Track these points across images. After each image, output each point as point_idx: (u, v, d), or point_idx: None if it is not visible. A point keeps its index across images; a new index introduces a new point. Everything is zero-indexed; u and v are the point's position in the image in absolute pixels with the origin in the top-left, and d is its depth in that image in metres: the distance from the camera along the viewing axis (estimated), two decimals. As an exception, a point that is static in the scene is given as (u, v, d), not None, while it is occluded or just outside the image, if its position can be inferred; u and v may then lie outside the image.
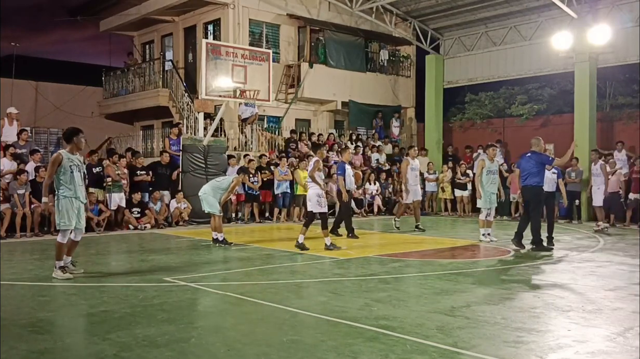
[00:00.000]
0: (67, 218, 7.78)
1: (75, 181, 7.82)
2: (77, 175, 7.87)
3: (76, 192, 7.81)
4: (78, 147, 8.07)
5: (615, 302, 6.57)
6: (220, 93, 15.78)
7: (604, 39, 17.14)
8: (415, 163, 14.34)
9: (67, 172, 7.76)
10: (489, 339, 5.07)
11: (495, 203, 12.13)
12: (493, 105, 23.55)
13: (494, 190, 12.01)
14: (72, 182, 7.79)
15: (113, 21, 23.30)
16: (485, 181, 11.91)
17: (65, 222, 7.81)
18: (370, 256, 10.07)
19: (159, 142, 19.46)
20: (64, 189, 7.79)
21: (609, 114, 19.71)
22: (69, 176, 7.77)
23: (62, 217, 7.80)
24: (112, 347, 4.81)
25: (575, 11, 17.59)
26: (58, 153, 7.92)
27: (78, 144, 8.04)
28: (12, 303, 6.48)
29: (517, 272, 8.48)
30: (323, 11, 21.77)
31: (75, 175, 7.82)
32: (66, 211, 7.77)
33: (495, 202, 12.12)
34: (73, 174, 7.80)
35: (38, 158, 14.25)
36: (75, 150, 8.02)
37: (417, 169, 14.36)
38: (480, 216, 12.16)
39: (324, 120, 22.27)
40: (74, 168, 7.84)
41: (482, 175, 11.92)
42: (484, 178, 11.91)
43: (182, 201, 15.32)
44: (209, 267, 9.06)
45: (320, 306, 6.23)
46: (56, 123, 22.36)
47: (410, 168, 14.07)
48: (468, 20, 21.19)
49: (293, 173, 16.90)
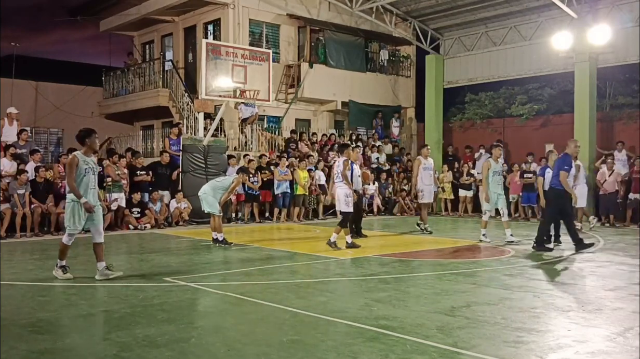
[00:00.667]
0: (73, 222, 7.68)
1: (87, 185, 7.67)
2: (91, 177, 7.72)
3: (86, 195, 7.64)
4: (92, 149, 7.92)
5: (615, 302, 6.57)
6: (220, 93, 15.79)
7: (604, 39, 17.14)
8: (429, 162, 13.96)
9: (80, 175, 7.62)
10: (489, 339, 5.06)
11: (500, 204, 11.99)
12: (493, 105, 23.54)
13: (499, 190, 11.93)
14: (84, 186, 7.63)
15: (113, 21, 23.30)
16: (490, 182, 11.83)
17: (70, 226, 7.70)
18: (370, 256, 10.06)
19: (159, 142, 19.47)
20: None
21: (609, 114, 19.71)
22: (81, 179, 7.63)
23: (69, 220, 7.70)
24: (112, 347, 4.81)
25: (575, 11, 17.59)
26: (74, 155, 7.76)
27: (92, 145, 7.89)
28: (12, 303, 6.48)
29: (517, 272, 8.47)
30: (323, 11, 21.77)
31: (88, 178, 7.68)
32: (72, 215, 7.67)
33: (501, 203, 11.98)
34: (86, 177, 7.65)
35: (38, 158, 14.26)
36: (89, 152, 7.87)
37: (431, 168, 14.00)
38: (483, 217, 12.12)
39: (324, 120, 22.28)
40: (89, 170, 7.70)
41: (488, 177, 11.80)
42: (490, 179, 11.82)
43: (182, 201, 15.32)
44: (209, 267, 9.05)
45: (320, 306, 6.23)
46: (56, 123, 22.41)
47: (423, 168, 13.74)
48: (468, 20, 21.19)
49: (293, 173, 16.91)
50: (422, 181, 13.77)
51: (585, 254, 10.33)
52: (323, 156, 19.20)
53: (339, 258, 9.79)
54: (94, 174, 7.78)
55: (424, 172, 13.77)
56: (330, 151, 19.59)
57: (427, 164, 13.89)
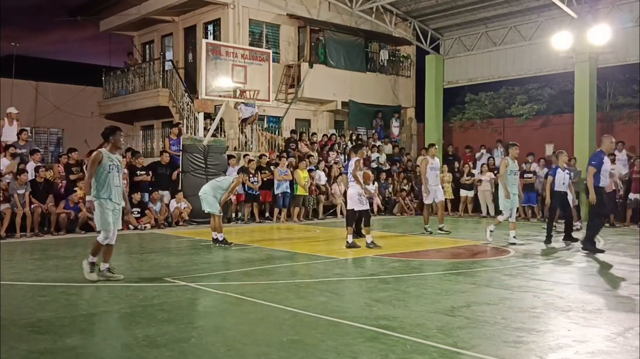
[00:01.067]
0: (103, 219, 7.51)
1: (112, 182, 7.52)
2: (116, 175, 7.57)
3: (110, 193, 7.50)
4: (117, 146, 7.77)
5: (615, 302, 6.57)
6: (220, 93, 15.78)
7: (604, 39, 17.14)
8: (435, 162, 13.74)
9: (104, 172, 7.48)
10: (489, 339, 5.06)
11: (516, 204, 11.83)
12: (493, 105, 23.56)
13: (514, 190, 11.61)
14: (108, 183, 7.48)
15: (113, 21, 23.30)
16: (507, 182, 11.53)
17: (103, 223, 7.53)
18: (371, 256, 10.06)
19: (159, 142, 19.48)
20: (98, 190, 7.51)
21: (609, 114, 19.72)
22: (105, 176, 7.48)
23: (99, 219, 7.54)
24: (112, 347, 4.81)
25: (575, 11, 17.60)
26: (98, 151, 7.62)
27: (116, 142, 7.73)
28: (12, 303, 6.48)
29: (517, 272, 8.47)
30: (323, 11, 21.77)
31: (113, 175, 7.53)
32: (101, 213, 7.50)
33: (516, 203, 11.81)
34: (110, 174, 7.50)
35: (38, 158, 14.26)
36: (114, 149, 7.72)
37: (437, 168, 13.79)
38: (499, 217, 11.82)
39: (324, 120, 22.28)
40: (113, 168, 7.55)
41: (506, 175, 11.55)
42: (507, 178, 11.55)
43: (182, 201, 15.32)
44: (209, 267, 9.05)
45: (320, 306, 6.23)
46: (56, 123, 22.41)
47: (430, 167, 13.50)
48: (468, 20, 21.20)
49: (293, 173, 16.91)
50: (427, 181, 13.52)
51: (585, 254, 10.32)
52: (323, 156, 19.20)
53: (339, 258, 9.79)
54: (118, 171, 7.62)
55: (430, 172, 13.53)
56: (330, 151, 19.61)
57: (434, 164, 13.66)
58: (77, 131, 21.29)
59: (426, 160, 13.71)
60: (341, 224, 14.91)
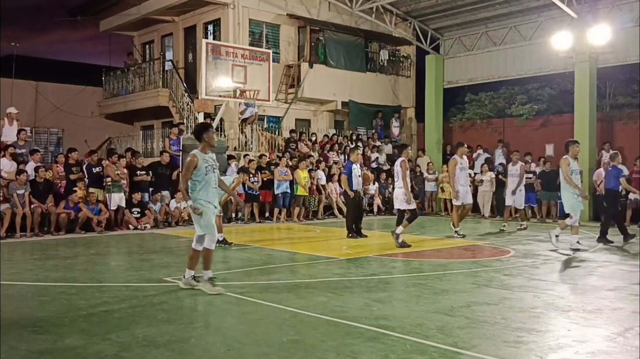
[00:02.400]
0: (207, 222, 7.02)
1: (209, 184, 7.04)
2: (212, 176, 7.05)
3: (207, 195, 7.04)
4: (210, 144, 7.14)
5: (615, 302, 6.57)
6: (220, 93, 15.78)
7: (604, 39, 17.13)
8: (464, 161, 13.14)
9: (201, 175, 6.97)
10: (489, 339, 5.06)
11: (582, 205, 10.91)
12: (493, 105, 23.54)
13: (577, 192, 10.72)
14: (206, 185, 7.02)
15: (113, 21, 23.30)
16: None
17: (207, 226, 7.03)
18: (370, 256, 10.06)
19: (159, 142, 19.47)
20: (197, 193, 7.03)
21: (609, 114, 19.71)
22: (203, 179, 6.98)
23: (203, 222, 7.02)
24: (112, 347, 4.81)
25: (575, 11, 17.58)
26: (193, 155, 6.98)
27: (210, 141, 7.11)
28: (12, 303, 6.47)
29: (517, 272, 8.47)
30: (323, 11, 21.77)
31: (209, 177, 7.03)
32: (205, 216, 7.00)
33: (581, 205, 10.87)
34: (207, 176, 7.00)
35: (38, 158, 14.26)
36: (207, 148, 7.13)
37: (466, 168, 13.23)
38: (567, 221, 10.82)
39: (324, 120, 22.28)
40: (209, 169, 7.02)
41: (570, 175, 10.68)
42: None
43: (182, 202, 15.29)
44: (209, 267, 9.03)
45: (320, 306, 6.23)
46: (56, 123, 22.42)
47: (460, 168, 12.87)
48: (468, 20, 21.19)
49: (293, 173, 16.90)
50: (458, 182, 12.87)
51: (585, 254, 10.33)
52: (323, 156, 19.20)
53: (339, 258, 9.80)
54: (213, 172, 7.10)
55: (460, 173, 12.93)
56: (330, 151, 19.60)
57: (464, 164, 13.10)
58: (77, 131, 21.31)
59: (455, 160, 12.99)
60: (341, 224, 14.91)
